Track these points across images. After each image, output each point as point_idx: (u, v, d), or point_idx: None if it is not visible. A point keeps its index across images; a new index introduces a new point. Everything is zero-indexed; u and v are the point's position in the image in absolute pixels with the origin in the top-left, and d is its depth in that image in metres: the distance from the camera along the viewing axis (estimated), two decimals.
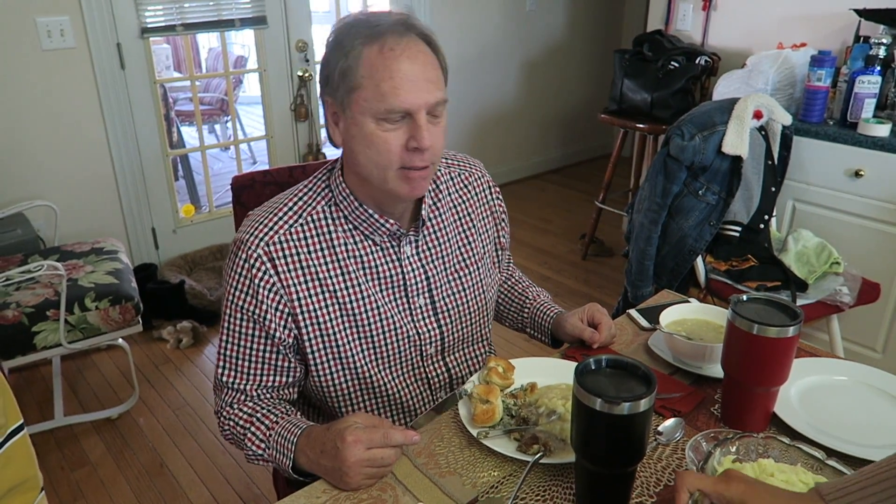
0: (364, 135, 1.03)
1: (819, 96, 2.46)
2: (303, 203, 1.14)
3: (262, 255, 1.09)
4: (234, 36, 6.66)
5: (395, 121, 1.01)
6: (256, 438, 1.11)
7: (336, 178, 1.14)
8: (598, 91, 5.09)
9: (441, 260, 1.22)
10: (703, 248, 2.25)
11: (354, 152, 1.06)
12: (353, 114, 1.03)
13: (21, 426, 1.00)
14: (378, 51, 1.00)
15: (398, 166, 1.04)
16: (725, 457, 0.92)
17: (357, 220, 1.13)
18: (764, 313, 1.05)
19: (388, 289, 1.17)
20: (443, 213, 1.23)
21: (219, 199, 4.12)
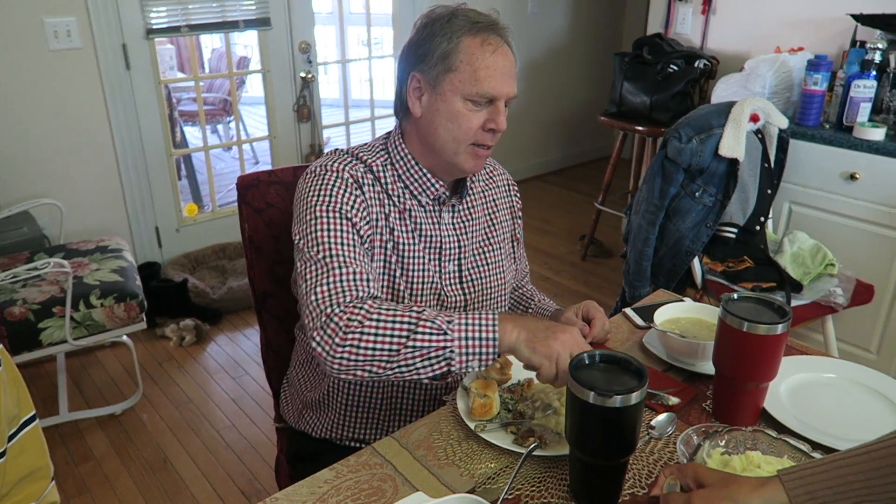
0: (450, 111, 1.16)
1: (815, 100, 2.49)
2: (365, 156, 1.25)
3: (349, 177, 1.19)
4: (237, 37, 6.69)
5: (480, 104, 1.16)
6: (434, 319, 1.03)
7: (395, 142, 1.26)
8: (599, 93, 5.12)
9: (471, 234, 1.32)
10: (700, 249, 2.28)
11: (434, 124, 1.18)
12: (443, 91, 1.16)
13: (34, 417, 1.03)
14: (480, 43, 1.14)
15: (471, 142, 1.18)
16: (714, 449, 0.95)
17: (409, 179, 1.24)
18: (754, 311, 1.08)
19: (427, 248, 1.26)
20: (475, 194, 1.35)
21: (221, 198, 4.16)
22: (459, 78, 1.14)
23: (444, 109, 1.16)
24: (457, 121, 1.16)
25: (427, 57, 1.15)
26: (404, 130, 1.26)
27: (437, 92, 1.16)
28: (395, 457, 1.07)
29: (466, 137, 1.17)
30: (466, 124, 1.16)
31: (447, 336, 1.02)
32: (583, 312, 1.28)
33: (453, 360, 1.03)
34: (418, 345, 1.02)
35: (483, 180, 1.38)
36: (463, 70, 1.13)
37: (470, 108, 1.16)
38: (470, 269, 1.31)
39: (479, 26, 1.14)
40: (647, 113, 3.22)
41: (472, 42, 1.13)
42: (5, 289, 2.27)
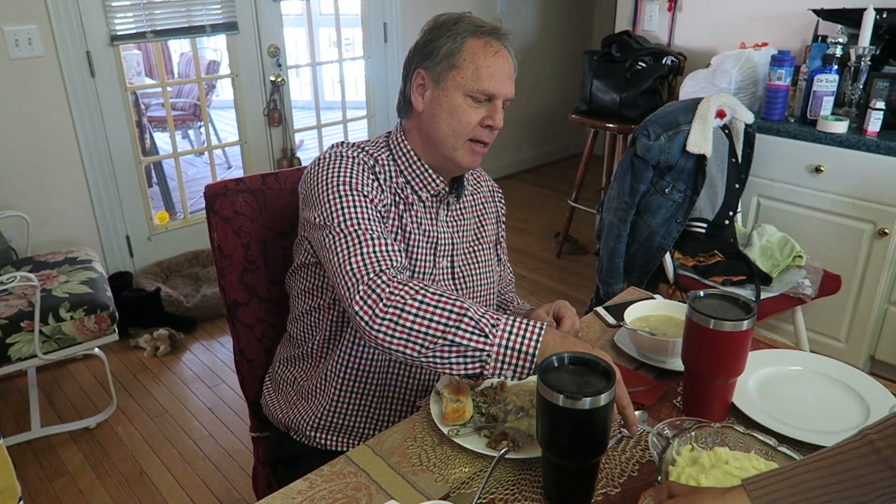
0: (452, 105, 1.22)
1: (780, 95, 2.53)
2: (370, 149, 1.30)
3: (363, 163, 1.24)
4: (206, 41, 6.62)
5: (480, 101, 1.23)
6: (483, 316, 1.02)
7: (396, 139, 1.31)
8: (570, 91, 5.15)
9: (464, 233, 1.38)
10: (671, 244, 2.30)
11: (436, 118, 1.24)
12: (446, 86, 1.22)
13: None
14: (483, 45, 1.22)
15: (469, 137, 1.24)
16: (684, 446, 0.96)
17: (411, 175, 1.29)
18: (720, 308, 1.09)
19: (424, 242, 1.30)
20: (466, 197, 1.41)
21: (193, 205, 4.10)
22: (462, 74, 1.21)
23: (445, 104, 1.22)
24: (457, 115, 1.22)
25: (433, 55, 1.22)
26: (406, 128, 1.32)
27: (440, 87, 1.23)
28: (368, 464, 1.06)
29: (465, 132, 1.23)
30: (466, 119, 1.22)
31: (488, 339, 1.01)
32: (553, 311, 1.29)
33: (488, 365, 1.01)
34: (457, 340, 1.01)
35: (471, 185, 1.44)
36: (466, 67, 1.21)
37: (470, 104, 1.22)
38: (461, 266, 1.36)
39: (483, 30, 1.23)
40: (618, 110, 3.25)
41: (476, 43, 1.21)
42: None
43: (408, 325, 1.02)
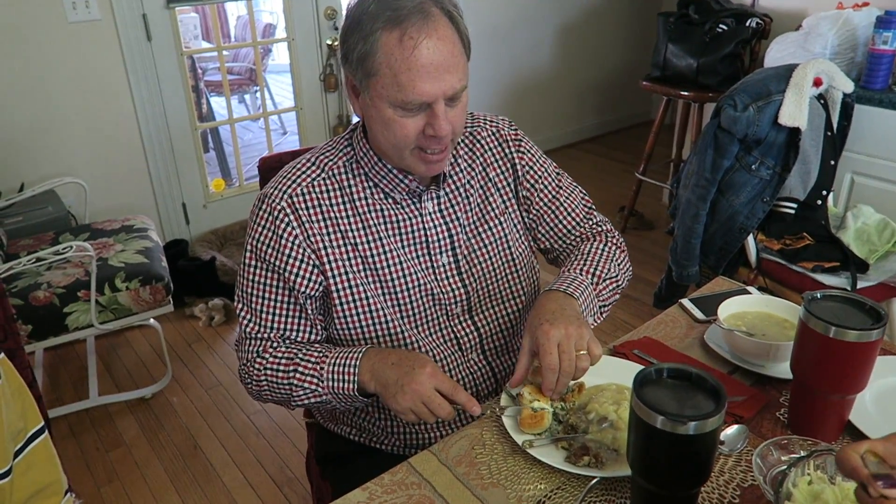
0: (382, 118, 1.01)
1: (884, 61, 2.28)
2: (324, 158, 1.14)
3: (285, 207, 1.09)
4: (262, 3, 6.55)
5: (412, 109, 0.99)
6: (306, 374, 1.09)
7: (358, 137, 1.13)
8: (635, 56, 4.88)
9: (464, 216, 1.18)
10: (755, 225, 2.12)
11: (373, 130, 1.06)
12: (371, 97, 1.01)
13: (42, 429, 0.95)
14: (398, 39, 0.95)
15: (414, 147, 1.04)
16: (801, 478, 0.83)
17: (377, 178, 1.12)
18: (841, 313, 0.94)
19: (410, 245, 1.15)
20: (461, 169, 1.19)
21: (248, 171, 4.07)
22: (381, 83, 0.98)
23: (376, 116, 1.02)
24: (390, 129, 1.01)
25: (348, 58, 1.01)
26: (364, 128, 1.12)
27: (367, 96, 1.02)
28: (433, 475, 0.97)
29: (405, 144, 1.03)
30: (401, 132, 1.01)
31: (318, 392, 1.08)
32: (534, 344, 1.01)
33: (339, 405, 1.10)
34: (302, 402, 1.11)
35: (465, 151, 1.21)
36: (383, 74, 0.97)
37: (401, 114, 0.99)
38: (467, 256, 1.19)
39: (399, 15, 0.95)
40: (694, 77, 3.02)
41: (390, 39, 0.95)
42: (30, 272, 2.22)
43: (266, 395, 1.15)
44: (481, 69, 3.84)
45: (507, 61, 4.20)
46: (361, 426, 1.24)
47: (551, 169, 1.28)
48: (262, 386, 1.13)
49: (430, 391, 0.99)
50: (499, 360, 1.23)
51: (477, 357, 1.21)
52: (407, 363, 1.02)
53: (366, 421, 1.22)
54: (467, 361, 1.20)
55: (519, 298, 1.25)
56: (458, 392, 1.00)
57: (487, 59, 3.92)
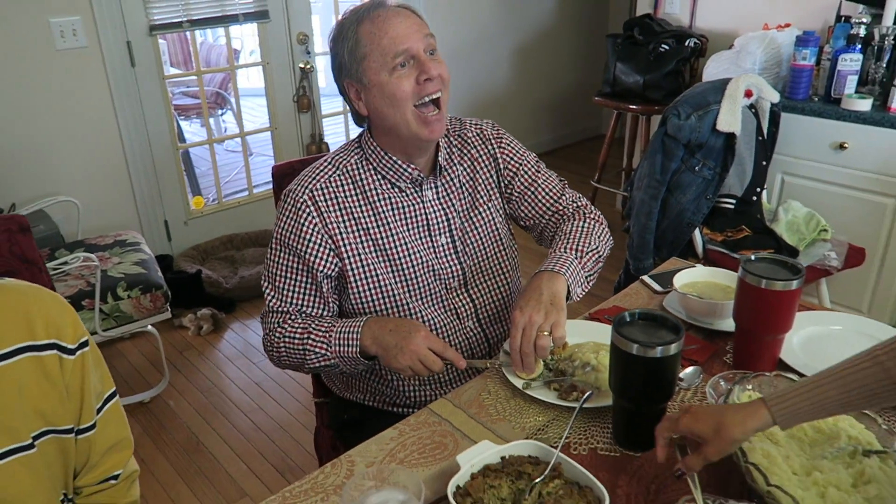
0: (383, 91, 1.23)
1: (804, 74, 2.61)
2: (339, 158, 1.36)
3: (306, 200, 1.30)
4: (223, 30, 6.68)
5: (403, 66, 1.22)
6: (318, 342, 1.28)
7: (366, 139, 1.35)
8: (587, 74, 5.21)
9: (458, 203, 1.40)
10: (701, 220, 2.40)
11: (380, 110, 1.26)
12: (369, 78, 1.24)
13: (115, 392, 1.12)
14: (370, 22, 1.22)
15: (415, 103, 1.23)
16: (743, 392, 1.06)
17: (385, 169, 1.33)
18: (770, 270, 1.19)
19: (414, 228, 1.35)
20: (454, 164, 1.42)
21: (226, 189, 4.20)
22: (373, 58, 1.21)
23: (378, 94, 1.23)
24: (391, 92, 1.22)
25: (343, 65, 1.26)
26: (372, 129, 1.35)
27: (365, 84, 1.24)
28: (450, 415, 1.17)
29: (406, 101, 1.22)
30: (399, 90, 1.21)
31: (328, 356, 1.27)
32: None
33: (343, 368, 1.29)
34: (314, 365, 1.30)
35: (456, 145, 1.42)
36: (372, 50, 1.21)
37: (397, 74, 1.21)
38: (462, 236, 1.39)
39: (362, 12, 1.23)
40: (641, 92, 3.32)
41: (364, 26, 1.22)
42: None
43: (284, 360, 1.34)
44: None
45: (468, 81, 4.47)
46: (375, 389, 1.43)
47: (531, 158, 1.51)
48: (282, 352, 1.32)
49: (425, 350, 1.20)
50: (492, 328, 1.44)
51: (472, 325, 1.42)
52: (403, 329, 1.22)
53: (380, 384, 1.41)
54: (464, 329, 1.41)
55: (507, 273, 1.47)
56: (447, 350, 1.22)
57: (454, 81, 4.16)
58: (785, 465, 0.92)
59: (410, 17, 1.24)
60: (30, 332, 0.96)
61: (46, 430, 0.98)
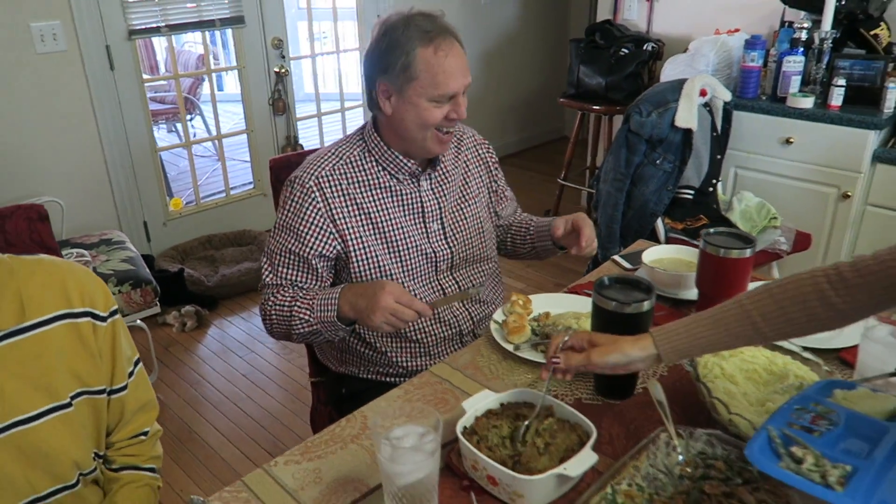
0: (417, 111, 1.37)
1: (753, 75, 2.82)
2: (342, 150, 1.48)
3: (313, 187, 1.42)
4: (190, 35, 6.71)
5: (442, 101, 1.37)
6: (302, 308, 1.38)
7: (369, 133, 1.48)
8: (550, 78, 5.41)
9: (450, 194, 1.55)
10: (663, 210, 2.58)
11: (404, 121, 1.40)
12: (409, 96, 1.36)
13: (139, 360, 1.23)
14: (433, 52, 1.33)
15: (436, 128, 1.40)
16: None
17: (385, 162, 1.47)
18: (726, 241, 1.36)
19: (410, 215, 1.49)
20: (449, 161, 1.58)
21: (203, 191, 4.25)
22: (421, 84, 1.34)
23: (412, 109, 1.37)
24: (423, 116, 1.37)
25: (390, 68, 1.35)
26: (378, 122, 1.48)
27: (403, 96, 1.36)
28: (450, 376, 1.31)
29: (431, 126, 1.39)
30: (431, 118, 1.37)
31: (311, 322, 1.37)
32: (572, 223, 1.48)
33: (325, 335, 1.39)
34: (300, 331, 1.39)
35: (453, 147, 1.59)
36: (423, 77, 1.33)
37: (434, 105, 1.36)
38: (452, 224, 1.54)
39: (430, 35, 1.33)
40: (603, 93, 3.51)
41: (426, 52, 1.32)
42: None
43: (275, 330, 1.45)
44: None
45: None
46: (370, 360, 1.55)
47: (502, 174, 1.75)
48: (273, 321, 1.43)
49: (393, 304, 1.25)
50: (474, 306, 1.58)
51: (457, 303, 1.56)
52: (370, 291, 1.29)
53: (374, 354, 1.53)
54: (450, 306, 1.55)
55: (488, 261, 1.63)
56: (414, 302, 1.28)
57: None
58: (743, 399, 1.08)
59: (462, 58, 1.37)
60: (66, 300, 1.07)
61: (81, 391, 1.08)
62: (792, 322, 0.94)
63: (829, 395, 0.95)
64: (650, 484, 0.97)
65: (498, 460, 0.98)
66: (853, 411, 0.87)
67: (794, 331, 0.96)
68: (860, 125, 2.54)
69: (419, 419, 0.97)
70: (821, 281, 0.92)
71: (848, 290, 0.90)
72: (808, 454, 0.77)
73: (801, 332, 0.96)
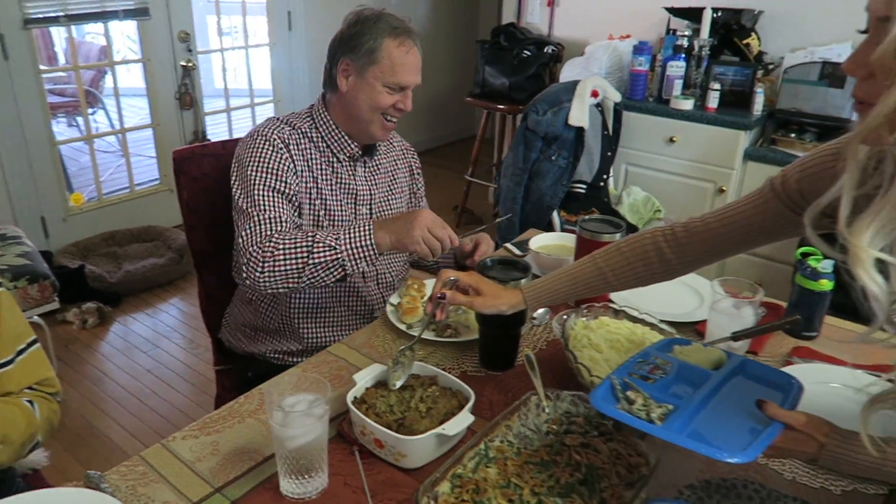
0: (371, 91, 1.50)
1: (641, 78, 3.03)
2: (293, 120, 1.58)
3: (277, 141, 1.51)
4: (91, 27, 6.46)
5: (394, 90, 1.51)
6: (324, 238, 1.37)
7: (319, 110, 1.59)
8: (460, 78, 5.56)
9: (380, 185, 1.67)
10: (558, 204, 2.74)
11: (357, 100, 1.51)
12: (366, 77, 1.49)
13: (36, 340, 1.25)
14: (397, 45, 1.49)
15: (382, 113, 1.53)
16: (578, 319, 1.36)
17: (331, 140, 1.57)
18: (599, 227, 1.51)
19: (344, 195, 1.60)
20: (383, 154, 1.70)
21: (107, 187, 4.14)
22: (381, 69, 1.49)
23: (366, 89, 1.50)
24: (375, 99, 1.50)
25: (356, 49, 1.49)
26: (328, 101, 1.59)
27: (361, 76, 1.50)
28: (346, 355, 1.39)
29: (380, 109, 1.52)
30: (382, 102, 1.51)
31: (337, 250, 1.37)
32: (475, 240, 1.67)
33: (346, 266, 1.38)
34: (318, 261, 1.37)
35: (384, 146, 1.72)
36: (384, 64, 1.48)
37: (387, 91, 1.50)
38: (378, 213, 1.65)
39: (398, 31, 1.49)
40: (507, 93, 3.67)
41: (392, 43, 1.48)
42: None
43: (282, 268, 1.37)
44: None
45: None
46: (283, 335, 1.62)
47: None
48: (278, 263, 1.37)
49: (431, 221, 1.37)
50: (388, 291, 1.68)
51: (373, 286, 1.66)
52: (406, 215, 1.41)
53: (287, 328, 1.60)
54: (367, 287, 1.65)
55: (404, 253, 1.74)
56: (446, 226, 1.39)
57: None
58: (605, 365, 1.22)
59: (419, 60, 1.53)
60: None
61: None
62: (636, 273, 1.14)
63: (670, 350, 1.09)
64: (521, 441, 1.08)
65: (384, 425, 1.07)
66: (684, 362, 1.02)
67: (637, 281, 1.16)
68: (733, 126, 2.79)
69: (311, 389, 1.05)
70: (658, 239, 1.09)
71: (680, 247, 1.07)
72: (639, 397, 0.91)
73: (642, 282, 1.16)
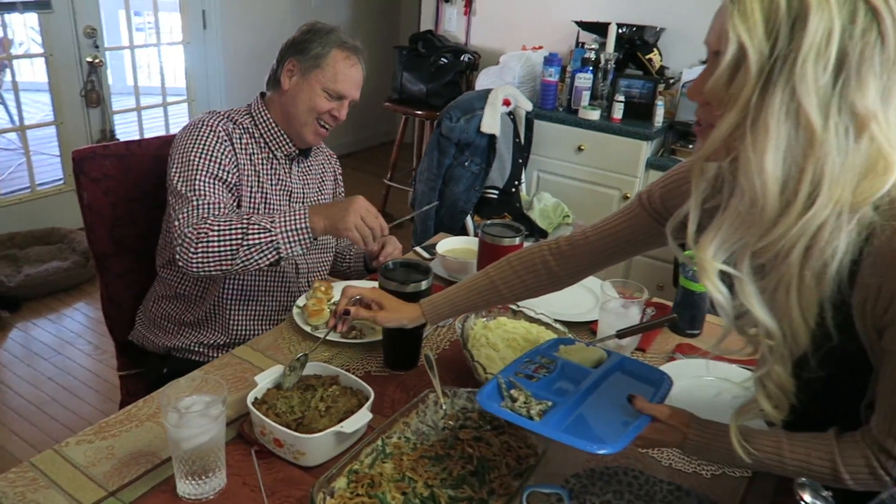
0: (310, 95, 1.58)
1: (551, 89, 3.15)
2: (234, 116, 1.63)
3: (221, 132, 1.56)
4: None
5: (332, 97, 1.60)
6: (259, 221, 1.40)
7: (258, 109, 1.65)
8: (381, 83, 5.57)
9: (311, 185, 1.76)
10: (471, 208, 2.82)
11: (297, 99, 1.59)
12: (309, 79, 1.58)
13: None
14: (344, 57, 1.60)
15: (316, 118, 1.60)
16: (478, 320, 1.41)
17: (269, 137, 1.64)
18: (501, 231, 1.58)
19: (280, 192, 1.66)
20: (315, 157, 1.79)
21: (4, 187, 3.94)
22: (324, 74, 1.58)
23: (307, 90, 1.59)
24: (313, 101, 1.58)
25: (304, 52, 1.58)
26: (269, 100, 1.66)
27: (305, 77, 1.58)
28: (251, 357, 1.39)
29: (315, 113, 1.60)
30: (319, 105, 1.59)
31: (272, 232, 1.39)
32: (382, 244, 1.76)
33: (280, 248, 1.41)
34: (252, 243, 1.39)
35: (314, 150, 1.79)
36: (327, 70, 1.58)
37: (325, 97, 1.59)
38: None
39: (346, 46, 1.60)
40: (425, 99, 3.73)
41: (339, 54, 1.59)
42: None
43: (216, 250, 1.39)
44: (244, 92, 4.20)
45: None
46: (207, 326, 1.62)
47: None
48: (212, 238, 1.38)
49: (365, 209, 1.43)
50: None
51: (305, 282, 1.73)
52: (341, 202, 1.46)
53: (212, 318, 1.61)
54: (297, 281, 1.71)
55: (330, 251, 1.82)
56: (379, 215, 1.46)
57: (251, 84, 4.29)
58: (501, 363, 1.28)
59: (361, 76, 1.64)
60: None
61: None
62: (526, 286, 1.20)
63: (556, 350, 1.16)
64: (418, 437, 1.12)
65: (283, 424, 1.09)
66: (568, 361, 1.09)
67: (527, 293, 1.22)
68: (636, 136, 2.93)
69: (209, 391, 1.06)
70: (545, 253, 1.16)
71: (565, 260, 1.14)
72: (522, 395, 0.97)
73: (532, 293, 1.23)
